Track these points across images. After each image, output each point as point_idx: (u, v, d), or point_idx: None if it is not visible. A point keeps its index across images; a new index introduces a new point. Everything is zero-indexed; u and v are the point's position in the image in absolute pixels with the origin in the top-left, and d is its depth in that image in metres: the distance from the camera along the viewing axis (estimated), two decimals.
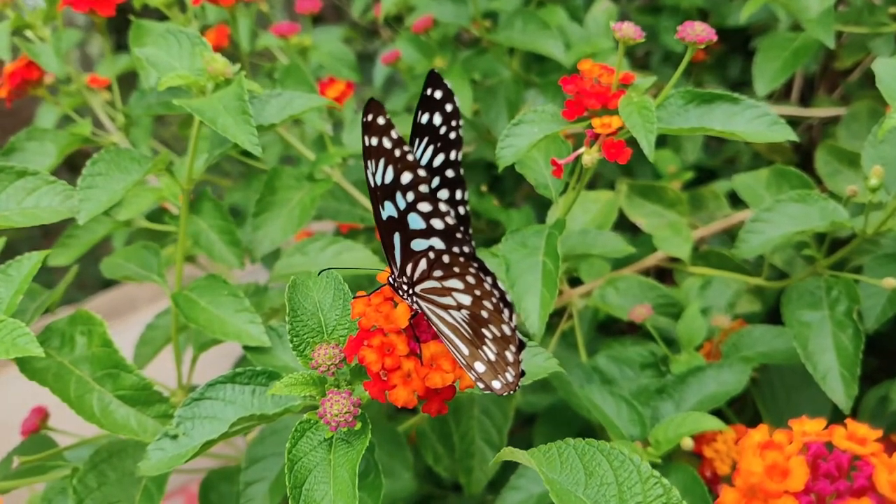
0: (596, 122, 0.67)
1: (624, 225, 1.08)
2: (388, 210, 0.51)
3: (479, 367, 0.51)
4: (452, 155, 0.54)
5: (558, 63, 1.09)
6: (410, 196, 0.49)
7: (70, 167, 1.09)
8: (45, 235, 2.37)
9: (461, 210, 0.55)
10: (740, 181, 0.95)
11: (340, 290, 0.58)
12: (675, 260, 1.00)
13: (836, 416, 0.83)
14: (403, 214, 0.50)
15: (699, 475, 0.73)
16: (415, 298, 0.53)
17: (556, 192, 0.75)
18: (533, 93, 1.24)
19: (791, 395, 0.94)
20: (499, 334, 0.51)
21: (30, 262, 0.64)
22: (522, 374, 0.53)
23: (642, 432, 0.77)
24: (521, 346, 0.52)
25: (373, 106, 0.48)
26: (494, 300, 0.49)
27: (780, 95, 1.36)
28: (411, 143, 0.54)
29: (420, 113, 0.53)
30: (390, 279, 0.54)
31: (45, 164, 0.85)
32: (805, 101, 1.36)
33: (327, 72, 1.23)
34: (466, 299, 0.50)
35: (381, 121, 0.48)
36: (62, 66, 0.86)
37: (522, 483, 0.80)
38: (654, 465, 0.73)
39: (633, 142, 0.66)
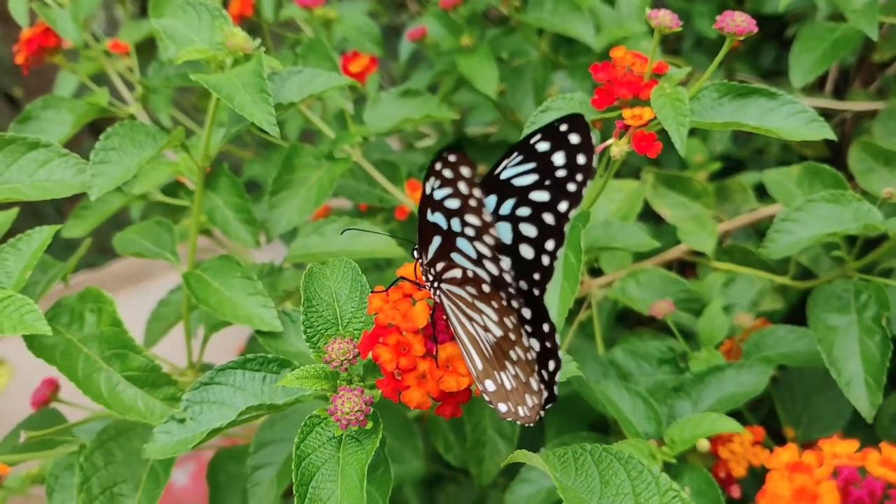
0: (626, 112, 0.65)
1: (648, 214, 1.06)
2: (437, 219, 0.46)
3: (490, 385, 0.49)
4: (562, 206, 0.48)
5: (588, 45, 1.06)
6: (470, 232, 0.45)
7: (96, 133, 1.08)
8: (70, 198, 2.36)
9: (545, 260, 0.49)
10: (771, 177, 0.92)
11: (358, 282, 0.56)
12: (698, 253, 0.98)
13: (855, 421, 0.81)
14: (452, 234, 0.46)
15: (713, 476, 0.71)
16: (438, 292, 0.50)
17: None
18: (561, 75, 1.22)
19: (810, 397, 0.92)
20: (523, 379, 0.48)
21: (40, 236, 0.63)
22: (541, 418, 0.50)
23: (657, 430, 0.75)
24: (551, 398, 0.50)
25: (462, 157, 0.43)
26: (530, 356, 0.47)
27: (814, 87, 1.32)
28: (508, 155, 0.49)
29: (540, 137, 0.48)
30: (415, 254, 0.51)
31: (62, 133, 0.83)
32: (839, 93, 1.32)
33: (351, 45, 1.21)
34: (496, 330, 0.48)
35: (465, 172, 0.43)
36: (80, 33, 0.84)
37: (533, 476, 0.78)
38: (668, 465, 0.72)
39: (662, 132, 0.64)
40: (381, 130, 0.93)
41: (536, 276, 0.49)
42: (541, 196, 0.48)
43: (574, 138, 0.47)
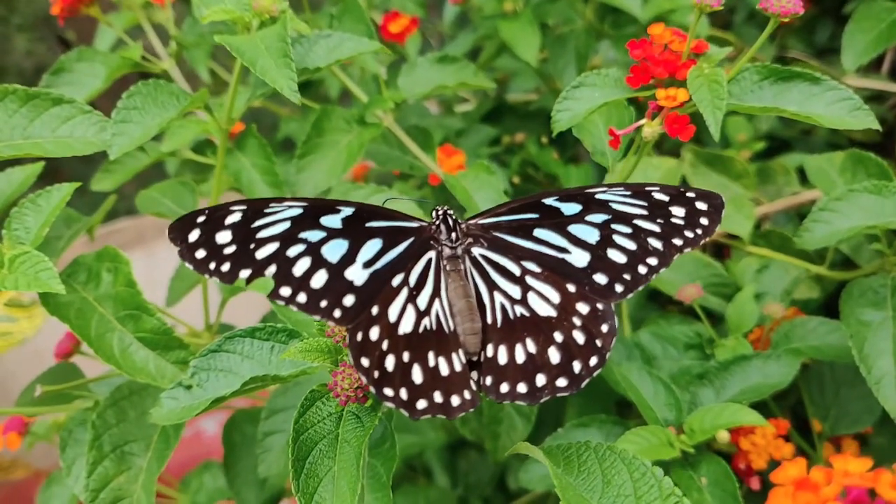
0: (660, 93, 0.62)
1: None
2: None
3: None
4: (676, 241, 0.54)
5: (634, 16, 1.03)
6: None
7: None
8: None
9: (641, 269, 0.54)
10: (812, 163, 0.89)
11: None
12: (734, 236, 0.95)
13: (886, 418, 0.79)
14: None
15: (732, 467, 0.70)
16: (461, 252, 0.53)
17: (614, 161, 0.70)
18: (605, 45, 1.19)
19: (840, 391, 0.89)
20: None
21: (59, 193, 0.63)
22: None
23: (678, 418, 0.74)
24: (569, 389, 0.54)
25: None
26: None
27: (870, 67, 1.26)
28: (611, 186, 0.55)
29: (658, 189, 0.54)
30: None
31: (94, 86, 0.82)
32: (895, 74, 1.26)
33: (393, 6, 1.19)
34: (544, 308, 0.51)
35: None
36: None
37: None
38: (686, 454, 0.70)
39: (699, 113, 0.61)
40: (414, 96, 0.91)
41: (628, 277, 0.53)
42: (649, 226, 0.54)
43: (702, 205, 0.53)
